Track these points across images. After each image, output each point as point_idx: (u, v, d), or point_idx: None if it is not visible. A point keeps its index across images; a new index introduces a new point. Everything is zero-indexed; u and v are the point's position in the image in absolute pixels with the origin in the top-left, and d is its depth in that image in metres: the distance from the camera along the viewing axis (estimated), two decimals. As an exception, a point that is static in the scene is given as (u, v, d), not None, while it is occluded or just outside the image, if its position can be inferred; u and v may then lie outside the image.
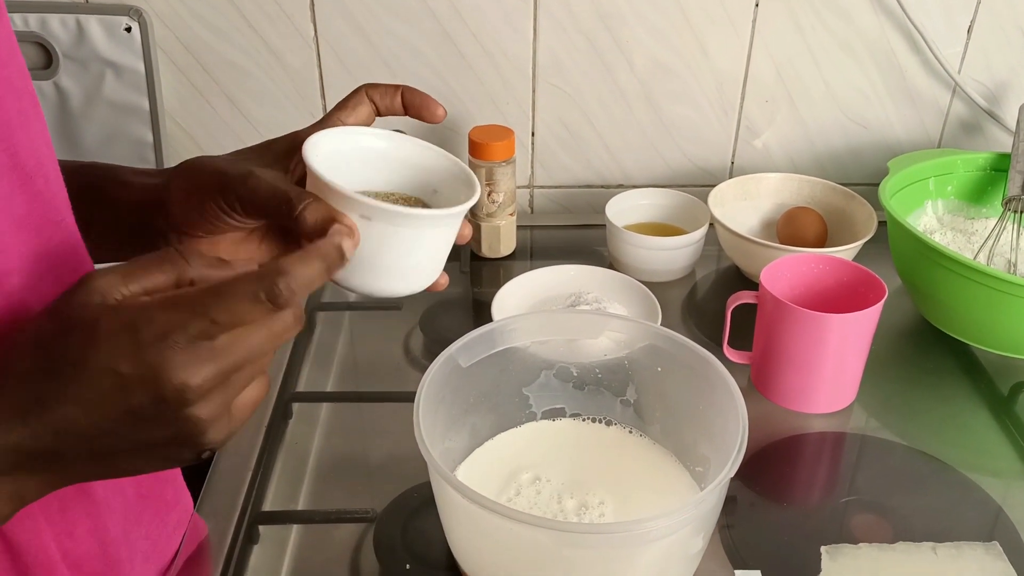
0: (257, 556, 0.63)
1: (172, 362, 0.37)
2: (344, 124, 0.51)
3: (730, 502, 0.65)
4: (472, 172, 0.50)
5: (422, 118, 0.52)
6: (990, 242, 0.85)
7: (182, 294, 0.38)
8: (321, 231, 0.43)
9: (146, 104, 0.91)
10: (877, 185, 0.85)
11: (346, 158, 0.49)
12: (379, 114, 0.52)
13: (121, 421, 0.37)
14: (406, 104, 0.52)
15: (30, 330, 0.39)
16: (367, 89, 0.51)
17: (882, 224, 0.86)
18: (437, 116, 0.52)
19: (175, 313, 0.37)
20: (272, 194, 0.46)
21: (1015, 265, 0.84)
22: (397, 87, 0.51)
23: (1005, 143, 1.02)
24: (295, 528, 0.65)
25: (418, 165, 0.51)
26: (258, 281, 0.37)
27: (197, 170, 0.49)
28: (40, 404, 0.37)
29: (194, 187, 0.49)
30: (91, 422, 0.37)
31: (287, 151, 0.50)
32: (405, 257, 0.48)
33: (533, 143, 1.02)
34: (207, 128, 0.99)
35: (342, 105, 0.51)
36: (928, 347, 0.84)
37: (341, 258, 0.41)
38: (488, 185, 0.90)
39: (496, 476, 0.63)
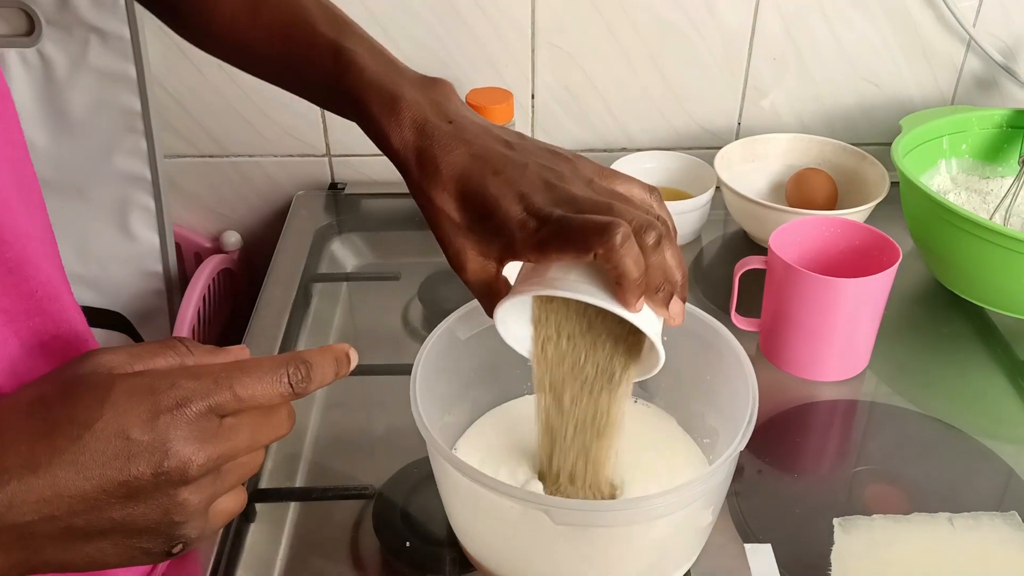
0: (254, 534, 0.61)
1: (183, 433, 0.36)
2: None
3: (739, 474, 0.64)
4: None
5: None
6: (1006, 202, 0.82)
7: (205, 364, 0.39)
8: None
9: (133, 71, 0.88)
10: (889, 145, 0.82)
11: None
12: None
13: (112, 493, 0.36)
14: None
15: (26, 395, 0.38)
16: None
17: (894, 185, 0.84)
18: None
19: (197, 381, 0.37)
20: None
21: (1032, 226, 0.82)
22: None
23: (1021, 99, 0.98)
24: (293, 506, 0.63)
25: None
26: (285, 364, 0.39)
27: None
28: (29, 468, 0.35)
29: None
30: (81, 490, 0.35)
31: None
32: None
33: (533, 106, 0.99)
34: (197, 95, 0.96)
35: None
36: (942, 312, 0.81)
37: (348, 365, 0.42)
38: (487, 150, 0.87)
39: (497, 451, 0.61)
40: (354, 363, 0.43)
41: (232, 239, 1.03)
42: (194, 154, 1.00)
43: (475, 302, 0.60)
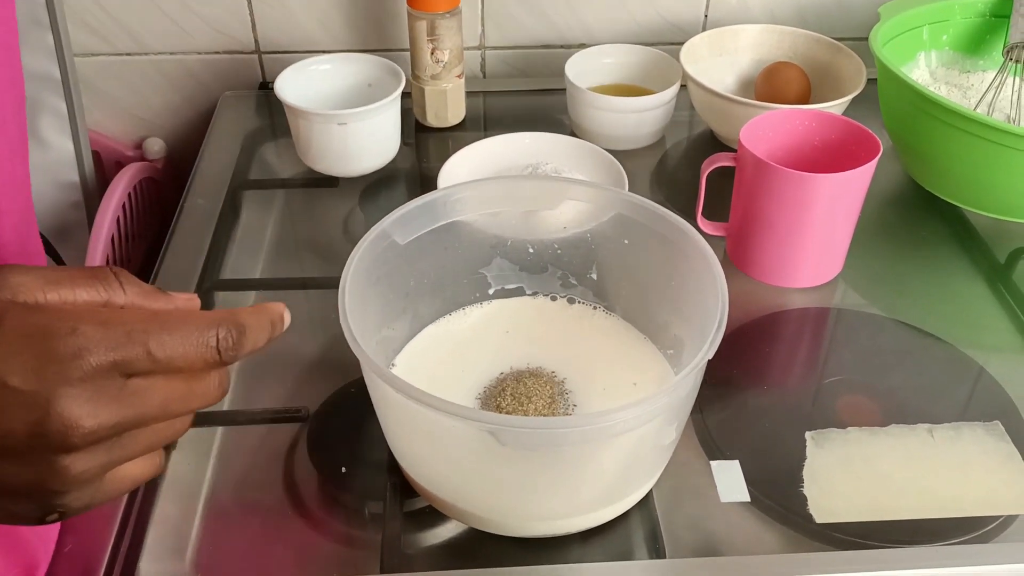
0: (176, 463, 0.55)
1: (74, 390, 0.30)
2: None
3: (705, 387, 0.59)
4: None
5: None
6: (989, 95, 0.77)
7: (121, 313, 0.33)
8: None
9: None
10: (866, 39, 0.76)
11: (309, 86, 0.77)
12: None
13: None
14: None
15: None
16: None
17: (870, 82, 0.78)
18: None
19: (105, 330, 0.31)
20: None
21: (1016, 121, 0.77)
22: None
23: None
24: (219, 431, 0.58)
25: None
26: (212, 325, 0.33)
27: None
28: None
29: None
30: None
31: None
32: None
33: (483, -4, 0.90)
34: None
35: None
36: (919, 214, 0.76)
37: (282, 325, 0.38)
38: (430, 41, 0.79)
39: (441, 366, 0.56)
40: (287, 324, 0.38)
41: (155, 146, 0.94)
42: (109, 52, 0.91)
43: (416, 202, 0.53)
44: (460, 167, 0.74)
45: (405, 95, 0.78)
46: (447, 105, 0.84)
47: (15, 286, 0.33)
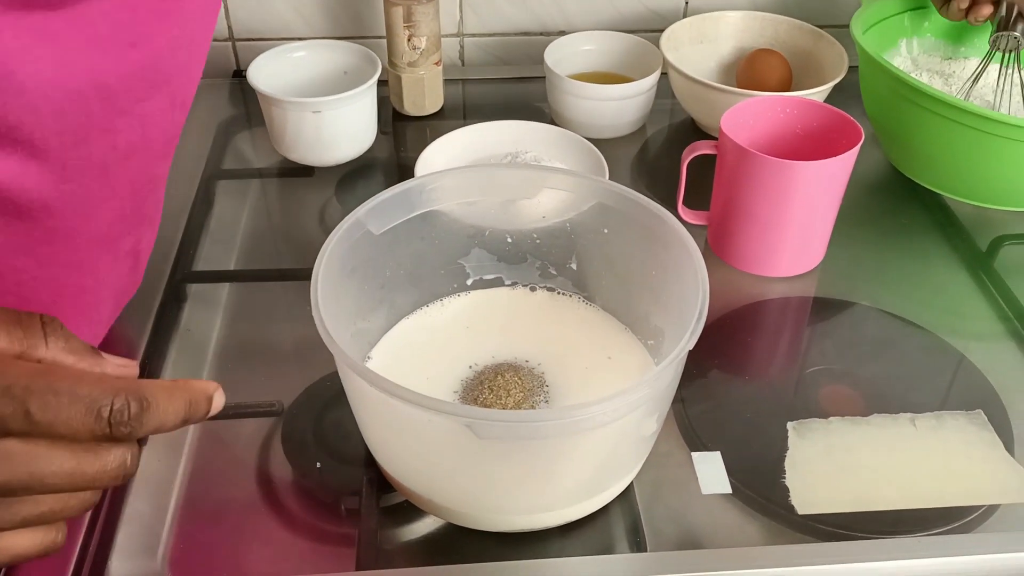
0: (148, 460, 0.54)
1: None
2: None
3: (685, 379, 0.58)
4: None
5: None
6: (969, 84, 0.77)
7: (8, 364, 0.30)
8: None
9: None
10: (847, 27, 0.75)
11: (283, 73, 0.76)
12: None
13: None
14: None
15: None
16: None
17: (851, 70, 0.77)
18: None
19: None
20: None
21: (997, 108, 0.76)
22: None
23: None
24: (192, 427, 0.56)
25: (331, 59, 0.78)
26: (109, 392, 0.30)
27: None
28: None
29: None
30: None
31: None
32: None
33: (461, -17, 0.89)
34: None
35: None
36: (900, 203, 0.76)
37: (208, 409, 0.34)
38: (407, 27, 0.78)
39: (418, 358, 0.55)
40: (217, 407, 0.34)
41: (128, 136, 0.92)
42: (79, 39, 0.89)
43: (391, 191, 0.52)
44: (438, 156, 0.73)
45: (382, 83, 0.76)
46: (424, 93, 0.82)
47: None
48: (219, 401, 0.34)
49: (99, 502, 0.50)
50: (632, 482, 0.52)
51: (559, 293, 0.59)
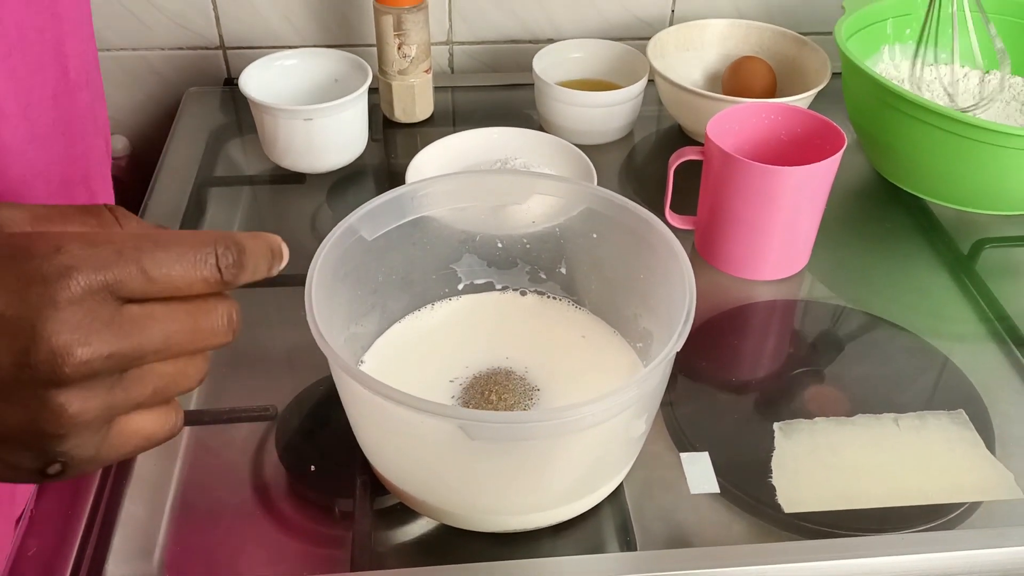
0: (142, 462, 0.55)
1: (59, 316, 0.27)
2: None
3: (673, 380, 0.59)
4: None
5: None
6: (923, 48, 0.79)
7: (109, 232, 0.30)
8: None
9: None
10: (830, 34, 0.77)
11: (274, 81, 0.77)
12: None
13: None
14: None
15: None
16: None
17: (835, 76, 0.79)
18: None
19: (93, 249, 0.28)
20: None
21: (953, 97, 0.78)
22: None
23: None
24: (186, 430, 0.57)
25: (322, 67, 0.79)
26: (209, 243, 0.30)
27: None
28: None
29: None
30: None
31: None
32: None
33: (450, -9, 0.90)
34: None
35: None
36: (883, 207, 0.77)
37: (280, 257, 0.34)
38: (397, 36, 0.78)
39: (411, 362, 0.56)
40: (284, 262, 0.34)
41: (119, 144, 0.93)
42: (70, 48, 0.89)
43: (383, 197, 0.53)
44: (428, 163, 0.73)
45: (372, 90, 0.77)
46: (415, 100, 0.83)
47: (1, 220, 0.30)
48: (286, 252, 0.34)
49: (95, 505, 0.51)
50: (622, 482, 0.53)
51: (549, 297, 0.60)
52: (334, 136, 0.75)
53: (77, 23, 0.50)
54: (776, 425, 0.56)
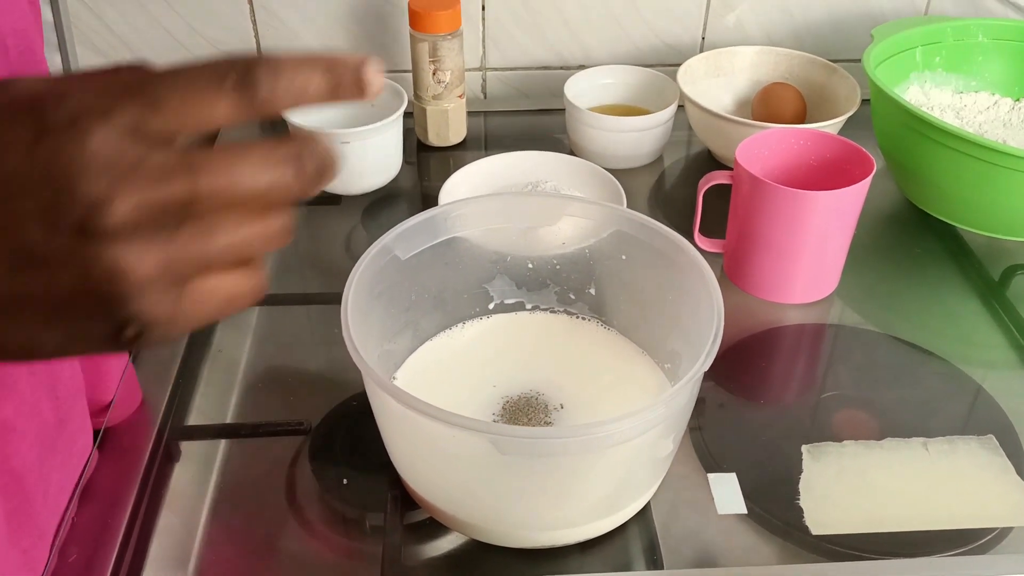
0: (179, 475, 0.56)
1: (82, 163, 0.24)
2: None
3: (701, 404, 0.60)
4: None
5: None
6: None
7: (114, 74, 0.27)
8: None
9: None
10: (859, 61, 0.77)
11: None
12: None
13: None
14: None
15: None
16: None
17: (864, 103, 0.79)
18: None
19: (99, 89, 0.25)
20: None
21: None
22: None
23: (995, 8, 0.94)
24: (222, 444, 0.58)
25: None
26: (229, 62, 0.26)
27: None
28: None
29: None
30: None
31: None
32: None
33: (484, 18, 0.92)
34: (116, 6, 0.88)
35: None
36: (913, 232, 0.77)
37: (359, 80, 0.28)
38: (432, 62, 0.80)
39: (441, 380, 0.57)
40: (371, 83, 0.28)
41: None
42: (116, 73, 0.92)
43: (417, 218, 0.54)
44: (461, 185, 0.75)
45: (407, 115, 0.79)
46: (448, 124, 0.85)
47: (22, 87, 0.27)
48: (372, 77, 0.28)
49: (133, 515, 0.53)
50: (649, 502, 0.53)
51: (578, 317, 0.61)
52: (370, 159, 0.77)
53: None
54: (804, 448, 0.57)
